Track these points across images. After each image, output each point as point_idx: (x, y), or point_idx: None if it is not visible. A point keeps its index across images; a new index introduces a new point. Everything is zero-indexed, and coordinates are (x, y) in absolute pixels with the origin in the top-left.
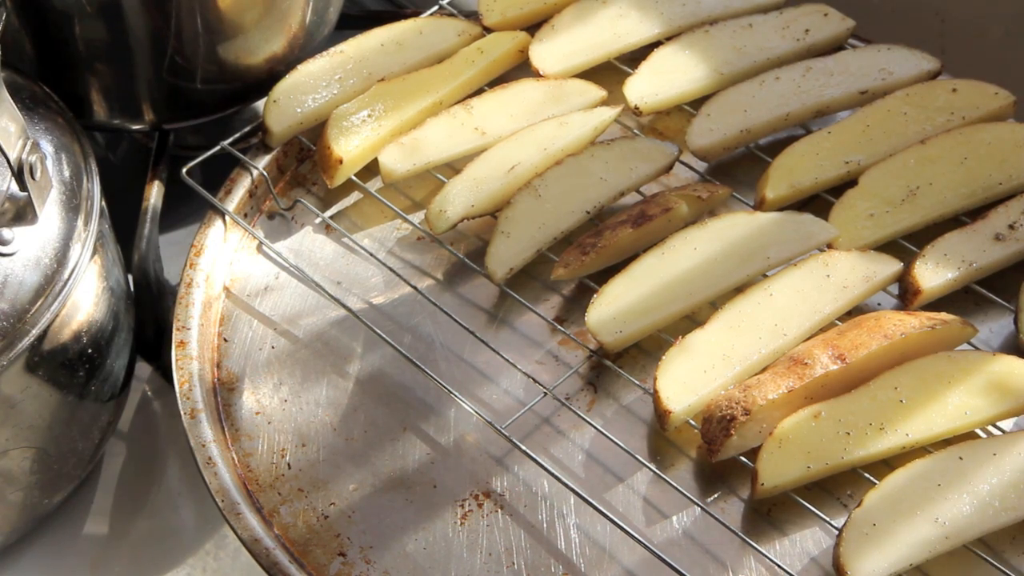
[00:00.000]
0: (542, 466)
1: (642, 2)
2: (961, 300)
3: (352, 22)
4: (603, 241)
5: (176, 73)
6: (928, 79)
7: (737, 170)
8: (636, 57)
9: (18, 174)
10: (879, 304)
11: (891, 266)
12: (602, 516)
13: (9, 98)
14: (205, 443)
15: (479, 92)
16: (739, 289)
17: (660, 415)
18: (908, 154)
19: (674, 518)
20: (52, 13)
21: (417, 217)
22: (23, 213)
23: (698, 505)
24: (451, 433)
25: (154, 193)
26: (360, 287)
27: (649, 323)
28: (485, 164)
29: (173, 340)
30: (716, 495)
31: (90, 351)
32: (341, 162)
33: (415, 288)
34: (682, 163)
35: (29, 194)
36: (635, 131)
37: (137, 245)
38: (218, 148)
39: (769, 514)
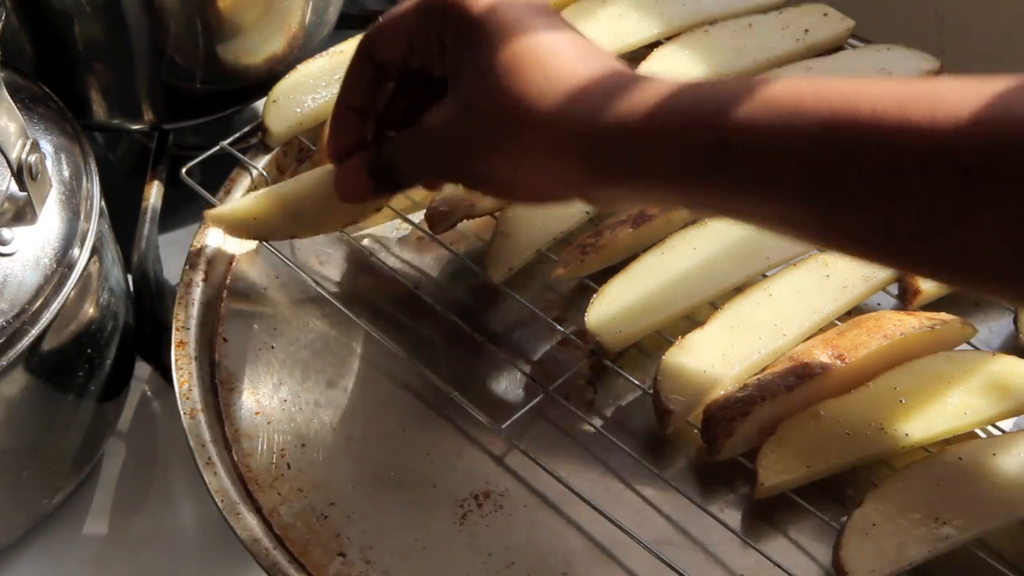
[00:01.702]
0: (541, 466)
1: (642, 2)
2: (961, 300)
3: (352, 22)
4: (603, 241)
5: (176, 73)
6: None
7: None
8: (636, 57)
9: (18, 174)
10: (879, 304)
11: None
12: (602, 516)
13: (8, 98)
14: (205, 443)
15: None
16: (739, 289)
17: (660, 415)
18: None
19: (674, 519)
20: (52, 13)
21: (417, 217)
22: (23, 213)
23: (698, 505)
24: (451, 433)
25: (154, 193)
26: (360, 287)
27: (649, 323)
28: None
29: (173, 340)
30: (716, 495)
31: (90, 351)
32: None
33: (415, 288)
34: None
35: (28, 194)
36: None
37: (137, 245)
38: (218, 148)
39: (769, 514)
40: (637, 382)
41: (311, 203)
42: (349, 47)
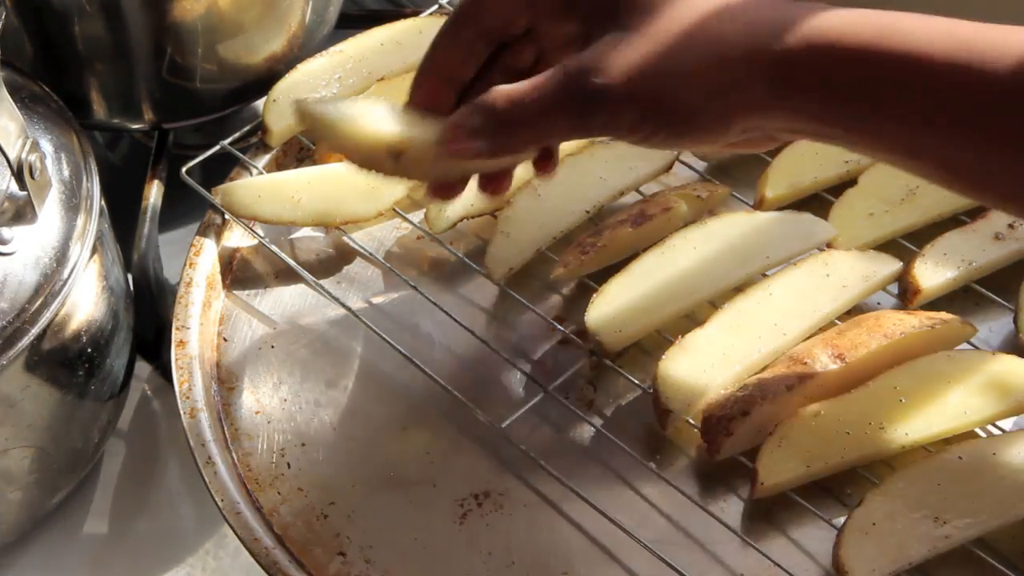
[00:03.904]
0: (542, 466)
1: None
2: (960, 299)
3: (352, 21)
4: (603, 241)
5: (176, 73)
6: None
7: (737, 170)
8: None
9: (18, 173)
10: (879, 303)
11: (890, 265)
12: (602, 516)
13: (8, 97)
14: (205, 442)
15: None
16: (739, 288)
17: (660, 415)
18: None
19: (674, 518)
20: (52, 12)
21: (417, 216)
22: (23, 212)
23: (698, 505)
24: (451, 433)
25: (154, 192)
26: (360, 287)
27: (649, 322)
28: None
29: (173, 340)
30: (716, 495)
31: (90, 350)
32: (341, 161)
33: (415, 288)
34: (682, 163)
35: (28, 193)
36: None
37: (137, 244)
38: (218, 148)
39: (769, 514)
40: (637, 382)
41: (313, 192)
42: (349, 46)
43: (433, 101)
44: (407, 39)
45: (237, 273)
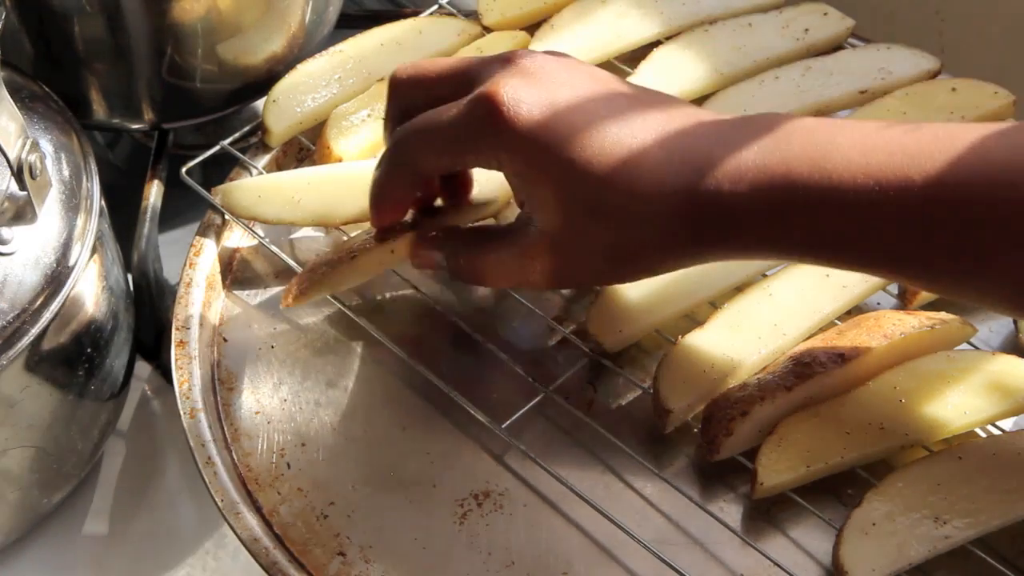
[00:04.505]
0: (541, 466)
1: (642, 1)
2: None
3: (352, 21)
4: None
5: (175, 73)
6: (927, 78)
7: None
8: (636, 57)
9: (17, 173)
10: (879, 304)
11: None
12: (602, 516)
13: (8, 97)
14: (205, 443)
15: None
16: (739, 289)
17: (660, 415)
18: None
19: (674, 518)
20: (51, 12)
21: None
22: (22, 212)
23: (698, 505)
24: (451, 433)
25: (153, 192)
26: (360, 287)
27: (649, 323)
28: None
29: (173, 340)
30: (716, 495)
31: (90, 350)
32: (341, 162)
33: (415, 288)
34: None
35: (28, 193)
36: None
37: (137, 244)
38: (217, 148)
39: (769, 514)
40: (637, 382)
41: (313, 192)
42: (349, 46)
43: (395, 221)
44: (407, 39)
45: (237, 273)
